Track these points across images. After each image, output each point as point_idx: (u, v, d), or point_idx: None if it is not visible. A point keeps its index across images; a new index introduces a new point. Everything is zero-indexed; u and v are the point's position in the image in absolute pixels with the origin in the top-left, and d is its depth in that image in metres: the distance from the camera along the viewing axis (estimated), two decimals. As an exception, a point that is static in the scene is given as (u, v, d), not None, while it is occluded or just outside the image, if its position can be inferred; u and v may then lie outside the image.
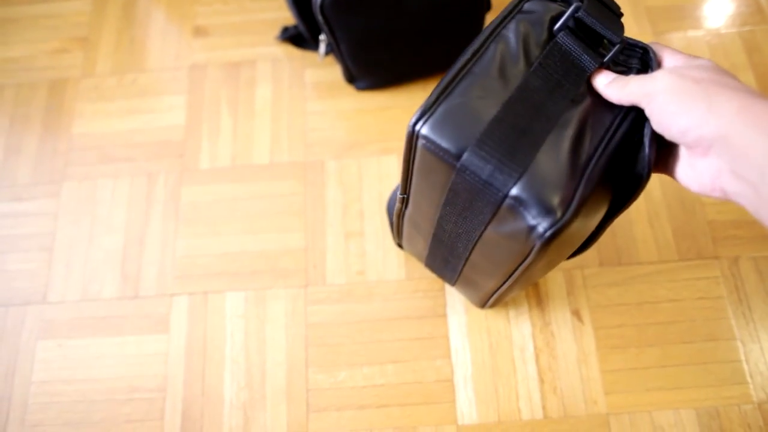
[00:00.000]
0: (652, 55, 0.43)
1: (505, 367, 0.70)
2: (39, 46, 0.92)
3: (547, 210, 0.41)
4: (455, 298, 0.73)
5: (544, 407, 0.68)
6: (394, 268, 0.75)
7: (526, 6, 0.46)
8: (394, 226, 0.65)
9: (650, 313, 0.71)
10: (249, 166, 0.82)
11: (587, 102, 0.43)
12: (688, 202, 0.76)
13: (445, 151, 0.43)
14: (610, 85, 0.42)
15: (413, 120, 0.44)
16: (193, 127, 0.85)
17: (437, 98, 0.44)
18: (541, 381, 0.69)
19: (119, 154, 0.84)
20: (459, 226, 0.50)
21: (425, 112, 0.43)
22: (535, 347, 0.70)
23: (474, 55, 0.45)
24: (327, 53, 0.82)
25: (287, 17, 0.90)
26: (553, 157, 0.42)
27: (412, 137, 0.44)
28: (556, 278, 0.73)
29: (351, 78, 0.83)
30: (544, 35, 0.45)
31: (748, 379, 0.67)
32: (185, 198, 0.81)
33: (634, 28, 0.87)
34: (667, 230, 0.75)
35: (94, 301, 0.76)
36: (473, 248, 0.52)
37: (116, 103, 0.87)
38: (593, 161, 0.42)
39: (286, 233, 0.78)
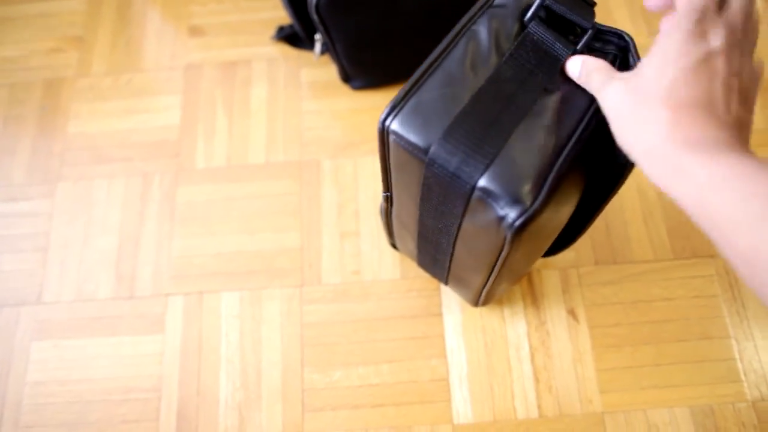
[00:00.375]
0: (628, 40, 0.44)
1: (501, 366, 0.70)
2: (34, 46, 0.92)
3: (515, 199, 0.41)
4: (450, 298, 0.73)
5: (539, 406, 0.68)
6: (389, 267, 0.75)
7: (497, 1, 0.46)
8: (385, 226, 0.65)
9: (645, 312, 0.71)
10: (244, 166, 0.82)
11: (562, 90, 0.44)
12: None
13: (414, 145, 0.43)
14: (579, 73, 0.43)
15: (383, 116, 0.44)
16: (188, 126, 0.85)
17: (406, 93, 0.44)
18: (537, 380, 0.69)
19: (114, 154, 0.84)
20: (438, 221, 0.50)
21: (394, 108, 0.44)
22: (531, 346, 0.70)
23: (444, 50, 0.45)
24: (322, 53, 0.82)
25: (283, 17, 0.90)
26: (522, 147, 0.42)
27: (383, 133, 0.45)
28: (551, 277, 0.73)
29: (346, 77, 0.83)
30: (516, 27, 0.45)
31: (743, 377, 0.67)
32: (181, 198, 0.81)
33: (630, 28, 0.87)
34: (661, 229, 0.75)
35: (89, 301, 0.76)
36: (455, 243, 0.52)
37: (112, 103, 0.87)
38: (566, 149, 0.42)
39: (282, 233, 0.78)
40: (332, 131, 0.83)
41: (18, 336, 0.74)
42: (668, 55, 0.36)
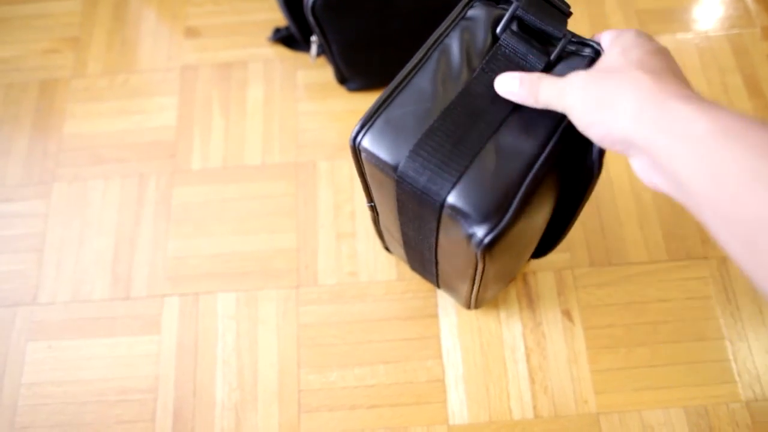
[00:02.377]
0: (600, 50, 0.43)
1: (496, 367, 0.70)
2: (30, 47, 0.92)
3: (482, 217, 0.40)
4: (446, 299, 0.73)
5: (534, 407, 0.68)
6: (385, 268, 0.75)
7: (469, 13, 0.45)
8: (376, 232, 0.65)
9: (640, 313, 0.71)
10: (241, 167, 0.82)
11: None
12: (678, 203, 0.76)
13: (384, 162, 0.43)
14: (520, 94, 0.41)
15: (353, 133, 0.44)
16: (184, 127, 0.85)
17: (376, 110, 0.43)
18: (532, 381, 0.69)
19: (110, 155, 0.84)
20: (418, 233, 0.50)
21: (364, 125, 0.43)
22: (526, 347, 0.71)
23: (416, 65, 0.44)
24: (318, 54, 0.82)
25: (279, 18, 0.91)
26: (491, 164, 0.41)
27: (355, 150, 0.44)
28: (546, 279, 0.73)
29: (342, 79, 0.83)
30: (488, 40, 0.45)
31: (736, 377, 0.68)
32: (177, 199, 0.80)
33: (623, 31, 0.87)
34: (656, 231, 0.75)
35: (84, 302, 0.75)
36: (436, 254, 0.52)
37: (107, 103, 0.87)
38: (536, 165, 0.42)
39: (278, 234, 0.78)
40: (328, 132, 0.83)
41: (13, 337, 0.74)
42: (627, 45, 0.38)
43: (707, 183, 0.29)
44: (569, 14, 0.44)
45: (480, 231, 0.41)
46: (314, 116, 0.84)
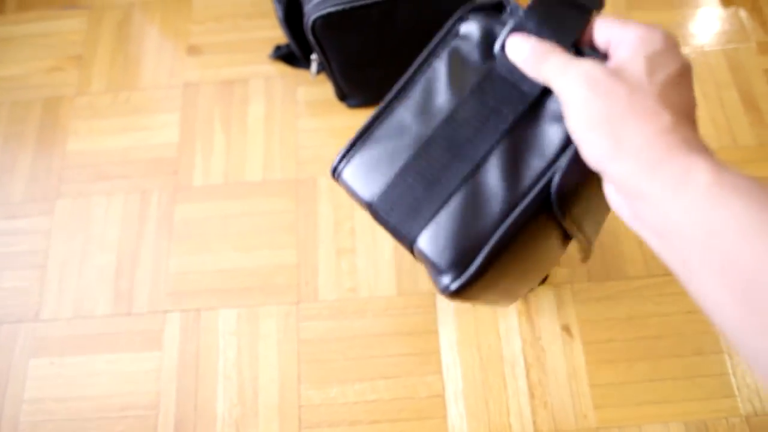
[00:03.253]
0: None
1: (496, 382, 0.70)
2: (34, 65, 0.93)
3: (447, 266, 0.38)
4: (446, 314, 0.73)
5: (534, 422, 0.68)
6: (385, 284, 0.75)
7: (462, 30, 0.41)
8: None
9: (639, 328, 0.72)
10: (242, 183, 0.83)
11: (530, 128, 0.38)
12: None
13: (360, 198, 0.41)
14: (526, 60, 0.37)
15: (333, 164, 0.42)
16: (186, 144, 0.86)
17: (355, 142, 0.41)
18: (532, 396, 0.69)
19: (113, 172, 0.84)
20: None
21: (344, 157, 0.41)
22: (526, 362, 0.71)
23: (398, 93, 0.41)
24: (318, 72, 0.83)
25: (279, 36, 0.92)
26: (465, 208, 0.38)
27: (337, 181, 0.43)
28: (545, 294, 0.74)
29: (342, 96, 0.84)
30: (482, 58, 0.40)
31: (736, 392, 0.68)
32: (178, 215, 0.81)
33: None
34: (654, 245, 0.75)
35: (86, 318, 0.76)
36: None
37: (110, 120, 0.88)
38: (515, 213, 0.38)
39: (279, 250, 0.78)
40: (329, 149, 0.84)
41: (16, 353, 0.75)
42: (655, 56, 0.33)
43: (701, 236, 0.28)
44: (600, 6, 0.37)
45: (445, 278, 0.38)
46: (315, 133, 0.85)
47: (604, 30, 0.36)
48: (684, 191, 0.29)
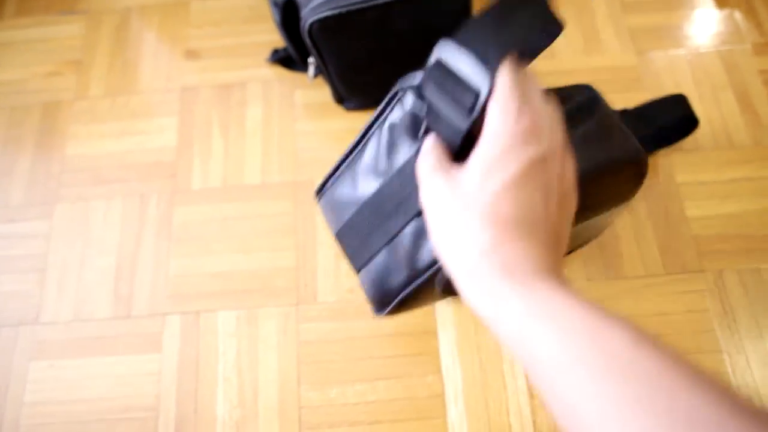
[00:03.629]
0: (595, 92, 0.48)
1: (496, 382, 0.70)
2: (33, 70, 0.93)
3: (372, 300, 0.50)
4: (445, 315, 0.74)
5: (534, 422, 0.68)
6: (384, 285, 0.76)
7: (399, 107, 0.45)
8: None
9: (637, 327, 0.72)
10: (240, 186, 0.83)
11: None
12: (673, 217, 0.77)
13: (329, 226, 0.51)
14: (418, 168, 0.37)
15: (316, 189, 0.51)
16: (184, 148, 0.86)
17: (331, 175, 0.50)
18: (532, 395, 0.69)
19: (112, 176, 0.85)
20: None
21: (320, 190, 0.51)
22: (525, 362, 0.71)
23: (358, 143, 0.48)
24: (316, 75, 0.83)
25: (277, 40, 0.92)
26: (385, 266, 0.46)
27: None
28: (544, 293, 0.74)
29: (340, 99, 0.85)
30: (411, 139, 0.44)
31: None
32: (177, 218, 0.81)
33: (617, 47, 0.89)
34: (652, 245, 0.76)
35: (86, 321, 0.76)
36: None
37: (109, 124, 0.88)
38: (419, 280, 0.45)
39: (278, 252, 0.78)
40: (327, 152, 0.84)
41: (16, 356, 0.75)
42: (493, 163, 0.31)
43: (525, 359, 0.29)
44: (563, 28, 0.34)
45: (373, 307, 0.50)
46: (312, 135, 0.86)
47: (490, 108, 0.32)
48: (503, 319, 0.30)
